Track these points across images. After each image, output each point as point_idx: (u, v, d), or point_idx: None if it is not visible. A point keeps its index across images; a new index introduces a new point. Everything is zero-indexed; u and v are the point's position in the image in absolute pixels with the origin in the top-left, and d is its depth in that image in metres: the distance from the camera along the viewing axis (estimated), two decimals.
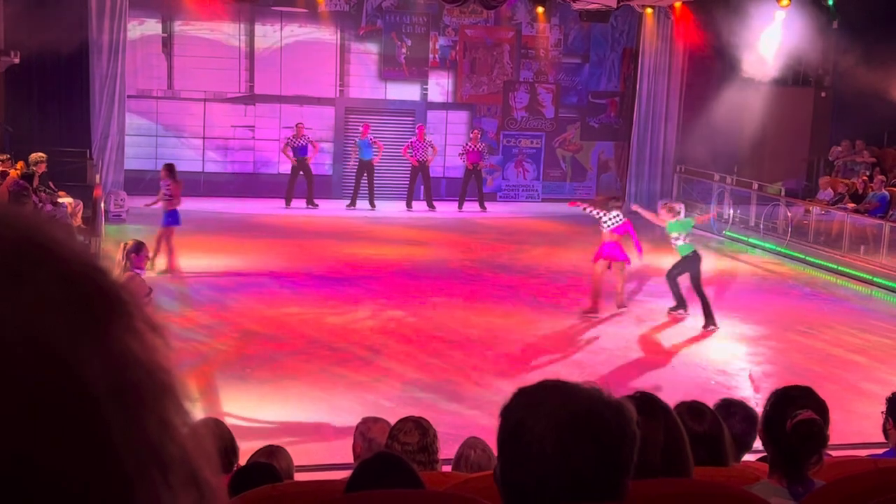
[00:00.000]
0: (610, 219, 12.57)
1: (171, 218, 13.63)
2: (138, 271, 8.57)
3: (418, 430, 4.50)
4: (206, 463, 0.60)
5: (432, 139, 21.01)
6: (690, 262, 12.21)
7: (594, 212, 12.78)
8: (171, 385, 0.59)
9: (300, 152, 19.96)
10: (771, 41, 21.56)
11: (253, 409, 8.64)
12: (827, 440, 3.32)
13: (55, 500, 0.53)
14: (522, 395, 1.75)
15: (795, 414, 3.24)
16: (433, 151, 20.73)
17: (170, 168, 14.13)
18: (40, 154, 15.28)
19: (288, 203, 19.87)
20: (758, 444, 4.78)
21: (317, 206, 19.83)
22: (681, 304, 12.58)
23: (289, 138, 20.21)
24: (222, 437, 4.62)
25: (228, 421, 6.55)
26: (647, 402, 2.56)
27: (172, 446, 0.57)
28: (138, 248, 8.81)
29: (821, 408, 3.46)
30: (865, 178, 18.81)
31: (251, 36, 20.96)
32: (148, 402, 0.57)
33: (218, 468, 0.62)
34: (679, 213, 12.62)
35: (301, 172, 19.96)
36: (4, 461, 0.52)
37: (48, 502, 0.53)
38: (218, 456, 0.63)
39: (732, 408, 4.81)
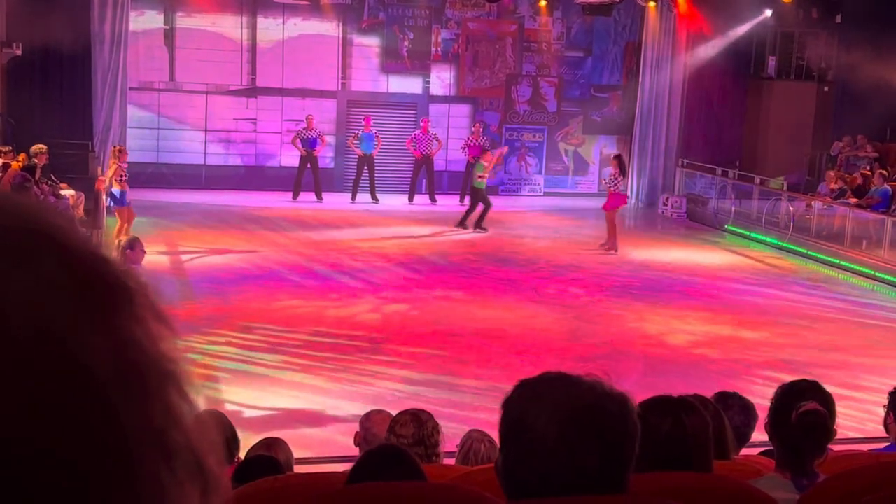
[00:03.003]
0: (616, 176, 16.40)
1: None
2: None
3: (414, 423, 4.50)
4: (211, 452, 0.60)
5: (436, 132, 20.99)
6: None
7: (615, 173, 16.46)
8: (175, 373, 0.59)
9: (309, 144, 19.92)
10: (774, 35, 21.57)
11: (254, 402, 8.65)
12: (833, 433, 3.31)
13: (59, 483, 0.53)
14: (524, 387, 1.74)
15: (800, 405, 3.24)
16: (438, 144, 20.72)
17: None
18: (41, 146, 15.28)
19: (295, 196, 19.82)
20: (757, 437, 4.79)
21: (321, 199, 19.79)
22: (462, 221, 17.65)
23: (299, 130, 20.16)
24: (224, 429, 4.62)
25: (229, 413, 6.55)
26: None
27: (177, 434, 0.57)
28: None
29: (827, 401, 3.46)
30: (867, 171, 18.77)
31: (253, 28, 20.94)
32: (153, 388, 0.57)
33: (223, 458, 0.62)
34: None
35: (308, 165, 19.92)
36: (8, 445, 0.52)
37: (52, 486, 0.53)
38: (222, 446, 0.63)
39: (729, 400, 4.81)
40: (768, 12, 20.54)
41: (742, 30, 21.16)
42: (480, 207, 17.70)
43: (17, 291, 0.54)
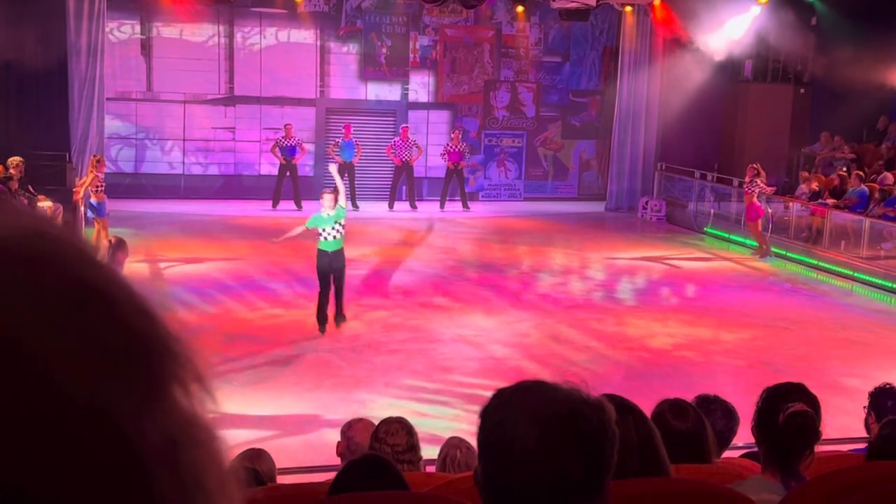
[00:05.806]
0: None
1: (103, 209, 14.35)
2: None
3: (405, 431, 4.53)
4: None
5: (416, 139, 21.01)
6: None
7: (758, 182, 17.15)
8: (219, 453, 0.56)
9: (288, 153, 19.93)
10: (750, 38, 21.65)
11: (235, 412, 8.60)
12: (819, 434, 3.32)
13: None
14: (501, 396, 1.74)
15: (787, 407, 3.25)
16: (418, 151, 20.74)
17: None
18: (17, 158, 15.17)
19: (275, 204, 19.78)
20: (738, 440, 4.80)
21: (301, 207, 19.72)
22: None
23: (277, 139, 20.17)
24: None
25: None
26: (616, 402, 2.53)
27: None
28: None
29: (812, 403, 3.47)
30: (843, 172, 18.87)
31: (230, 37, 20.89)
32: (201, 471, 0.54)
33: None
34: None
35: (288, 173, 19.91)
36: None
37: None
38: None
39: (712, 404, 4.80)
40: (756, 9, 20.50)
41: (738, 26, 20.96)
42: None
43: (69, 358, 0.49)
